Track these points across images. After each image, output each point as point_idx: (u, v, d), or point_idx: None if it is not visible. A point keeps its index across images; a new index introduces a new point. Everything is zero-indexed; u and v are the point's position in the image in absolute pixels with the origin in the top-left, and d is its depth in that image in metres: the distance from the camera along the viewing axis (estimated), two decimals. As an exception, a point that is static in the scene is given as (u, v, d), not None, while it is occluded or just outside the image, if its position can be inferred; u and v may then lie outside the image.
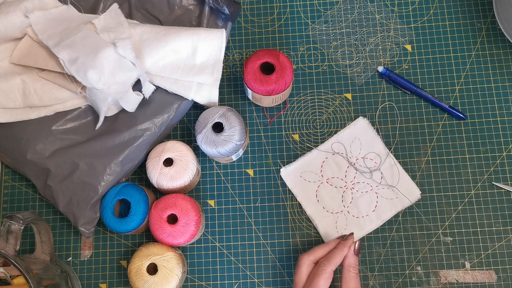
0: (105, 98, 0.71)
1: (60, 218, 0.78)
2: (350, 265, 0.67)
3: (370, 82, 0.80)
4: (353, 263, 0.67)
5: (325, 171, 0.76)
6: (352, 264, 0.67)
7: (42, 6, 0.76)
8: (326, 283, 0.66)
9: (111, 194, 0.72)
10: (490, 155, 0.76)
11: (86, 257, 0.76)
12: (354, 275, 0.67)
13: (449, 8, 0.81)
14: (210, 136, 0.71)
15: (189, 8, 0.79)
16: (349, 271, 0.67)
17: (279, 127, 0.79)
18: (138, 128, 0.73)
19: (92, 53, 0.69)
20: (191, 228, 0.70)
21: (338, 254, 0.67)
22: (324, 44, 0.81)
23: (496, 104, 0.78)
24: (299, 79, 0.80)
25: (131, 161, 0.74)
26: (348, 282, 0.66)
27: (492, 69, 0.79)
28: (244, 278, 0.75)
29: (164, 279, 0.69)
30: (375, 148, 0.77)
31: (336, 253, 0.67)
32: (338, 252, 0.67)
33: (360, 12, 0.82)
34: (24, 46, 0.75)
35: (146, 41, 0.73)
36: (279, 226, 0.76)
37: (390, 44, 0.81)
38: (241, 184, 0.77)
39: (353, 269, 0.67)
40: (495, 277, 0.73)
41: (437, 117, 0.78)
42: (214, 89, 0.75)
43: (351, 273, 0.67)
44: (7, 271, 0.66)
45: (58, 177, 0.73)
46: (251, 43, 0.82)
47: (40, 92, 0.73)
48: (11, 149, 0.74)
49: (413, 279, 0.73)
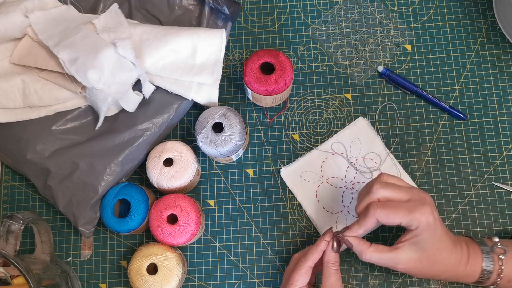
0: (105, 98, 0.71)
1: (60, 218, 0.78)
2: (329, 261, 0.65)
3: (370, 82, 0.80)
4: (332, 260, 0.65)
5: (325, 171, 0.76)
6: (332, 261, 0.65)
7: (42, 6, 0.76)
8: (302, 279, 0.65)
9: (111, 194, 0.72)
10: (490, 155, 0.76)
11: (86, 257, 0.76)
12: (334, 271, 0.65)
13: (449, 8, 0.81)
14: (210, 136, 0.71)
15: (189, 8, 0.79)
16: (328, 267, 0.65)
17: (279, 127, 0.79)
18: (138, 128, 0.73)
19: (92, 53, 0.69)
20: (191, 228, 0.70)
21: (314, 250, 0.66)
22: (324, 44, 0.81)
23: (496, 104, 0.78)
24: (299, 79, 0.80)
25: (131, 161, 0.74)
26: (328, 278, 0.65)
27: (492, 69, 0.79)
28: (244, 278, 0.75)
29: (164, 279, 0.69)
30: (375, 148, 0.77)
31: (312, 249, 0.66)
32: (314, 248, 0.66)
33: (360, 12, 0.82)
34: (24, 46, 0.75)
35: (146, 41, 0.73)
36: (279, 226, 0.76)
37: (390, 44, 0.81)
38: (241, 184, 0.77)
39: (332, 266, 0.65)
40: (495, 277, 0.73)
41: (437, 117, 0.78)
42: (214, 89, 0.75)
43: (330, 269, 0.65)
44: (7, 271, 0.66)
45: (58, 177, 0.73)
46: (251, 43, 0.82)
47: (40, 92, 0.73)
48: (11, 149, 0.74)
49: (413, 279, 0.73)
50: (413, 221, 0.62)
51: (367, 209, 0.64)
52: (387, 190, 0.64)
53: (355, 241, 0.64)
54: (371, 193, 0.64)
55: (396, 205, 0.63)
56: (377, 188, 0.64)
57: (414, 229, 0.63)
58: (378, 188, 0.64)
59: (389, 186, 0.64)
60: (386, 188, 0.64)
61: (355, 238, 0.64)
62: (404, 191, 0.64)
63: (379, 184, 0.64)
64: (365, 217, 0.64)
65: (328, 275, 0.65)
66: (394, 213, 0.62)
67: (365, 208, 0.64)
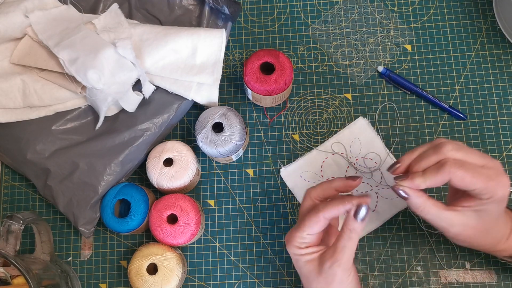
0: (105, 98, 0.71)
1: (60, 218, 0.78)
2: (349, 227, 0.57)
3: (370, 82, 0.80)
4: (358, 227, 0.57)
5: (325, 171, 0.76)
6: (356, 228, 0.57)
7: (42, 6, 0.76)
8: (312, 226, 0.58)
9: (111, 194, 0.72)
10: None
11: (86, 257, 0.76)
12: (353, 241, 0.57)
13: (449, 8, 0.81)
14: (210, 136, 0.71)
15: (189, 8, 0.79)
16: (346, 234, 0.57)
17: (279, 127, 0.79)
18: (138, 128, 0.73)
19: (92, 53, 0.69)
20: (191, 228, 0.70)
21: (336, 206, 0.57)
22: (324, 44, 0.81)
23: (496, 104, 0.78)
24: (299, 79, 0.80)
25: (131, 161, 0.74)
26: (343, 248, 0.56)
27: (492, 69, 0.79)
28: (244, 278, 0.75)
29: (164, 279, 0.69)
30: (375, 148, 0.77)
31: (336, 203, 0.57)
32: (338, 202, 0.57)
33: (360, 12, 0.82)
34: (24, 46, 0.75)
35: (146, 41, 0.73)
36: (279, 226, 0.76)
37: (390, 44, 0.81)
38: (241, 184, 0.77)
39: (352, 233, 0.57)
40: (495, 277, 0.73)
41: (437, 117, 0.78)
42: (214, 89, 0.75)
43: (349, 236, 0.56)
44: (7, 271, 0.66)
45: (58, 177, 0.73)
46: (251, 43, 0.82)
47: (40, 92, 0.73)
48: (11, 149, 0.74)
49: (413, 279, 0.73)
50: (488, 190, 0.56)
51: (441, 164, 0.56)
52: (460, 152, 0.57)
53: (414, 192, 0.57)
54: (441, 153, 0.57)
55: (475, 169, 0.56)
56: (448, 150, 0.57)
57: (485, 198, 0.57)
58: (450, 149, 0.57)
59: (462, 148, 0.57)
60: (459, 150, 0.57)
61: (414, 190, 0.57)
62: (479, 156, 0.58)
63: (451, 145, 0.57)
64: (436, 172, 0.56)
65: (343, 245, 0.57)
66: (473, 177, 0.56)
67: (438, 163, 0.57)
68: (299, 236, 0.59)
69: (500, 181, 0.57)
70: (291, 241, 0.60)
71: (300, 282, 0.73)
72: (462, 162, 0.57)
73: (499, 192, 0.57)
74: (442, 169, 0.56)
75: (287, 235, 0.61)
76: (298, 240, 0.60)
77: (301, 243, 0.60)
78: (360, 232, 0.57)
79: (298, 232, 0.59)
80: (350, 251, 0.58)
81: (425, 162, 0.58)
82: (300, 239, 0.60)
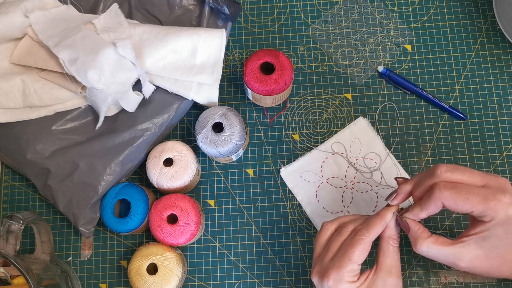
0: (105, 98, 0.71)
1: (60, 218, 0.78)
2: (392, 236, 0.55)
3: (370, 82, 0.80)
4: (394, 235, 0.56)
5: (325, 171, 0.76)
6: (394, 236, 0.56)
7: (42, 6, 0.76)
8: (362, 255, 0.55)
9: (111, 194, 0.72)
10: (490, 155, 0.76)
11: (86, 257, 0.76)
12: (396, 249, 0.56)
13: (449, 8, 0.81)
14: (210, 136, 0.71)
15: (189, 8, 0.79)
16: (389, 243, 0.56)
17: (279, 127, 0.79)
18: (138, 128, 0.73)
19: (92, 53, 0.69)
20: (191, 228, 0.70)
21: (378, 222, 0.55)
22: (324, 44, 0.81)
23: (496, 104, 0.78)
24: (299, 79, 0.80)
25: (131, 161, 0.74)
26: (387, 256, 0.55)
27: (492, 69, 0.79)
28: (244, 278, 0.75)
29: (164, 279, 0.69)
30: (375, 148, 0.77)
31: (375, 220, 0.55)
32: (377, 219, 0.55)
33: (360, 12, 0.82)
34: (24, 46, 0.75)
35: (146, 41, 0.73)
36: (279, 226, 0.76)
37: (390, 44, 0.81)
38: (241, 184, 0.77)
39: (394, 242, 0.56)
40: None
41: (437, 117, 0.78)
42: (214, 89, 0.75)
43: (392, 246, 0.55)
44: (7, 271, 0.66)
45: (58, 177, 0.73)
46: (251, 43, 0.82)
47: (40, 92, 0.73)
48: (11, 149, 0.74)
49: (413, 279, 0.73)
50: (488, 211, 0.52)
51: (431, 190, 0.53)
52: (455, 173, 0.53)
53: (414, 226, 0.55)
54: (435, 177, 0.54)
55: (468, 189, 0.52)
56: (442, 172, 0.53)
57: (488, 221, 0.52)
58: (444, 171, 0.53)
59: (458, 169, 0.53)
60: (454, 171, 0.53)
61: (415, 223, 0.55)
62: (478, 175, 0.53)
63: (445, 167, 0.53)
64: (428, 199, 0.54)
65: (388, 252, 0.55)
66: (465, 197, 0.51)
67: (429, 189, 0.54)
68: (350, 270, 0.55)
69: (500, 200, 0.52)
70: (340, 278, 0.55)
71: (300, 282, 0.74)
72: (454, 184, 0.53)
73: (501, 211, 0.52)
74: (432, 195, 0.53)
75: (328, 276, 0.56)
76: (351, 275, 0.56)
77: (353, 276, 0.56)
78: (397, 236, 0.56)
79: (348, 266, 0.55)
80: (394, 257, 0.57)
81: (422, 189, 0.56)
82: (352, 272, 0.56)
